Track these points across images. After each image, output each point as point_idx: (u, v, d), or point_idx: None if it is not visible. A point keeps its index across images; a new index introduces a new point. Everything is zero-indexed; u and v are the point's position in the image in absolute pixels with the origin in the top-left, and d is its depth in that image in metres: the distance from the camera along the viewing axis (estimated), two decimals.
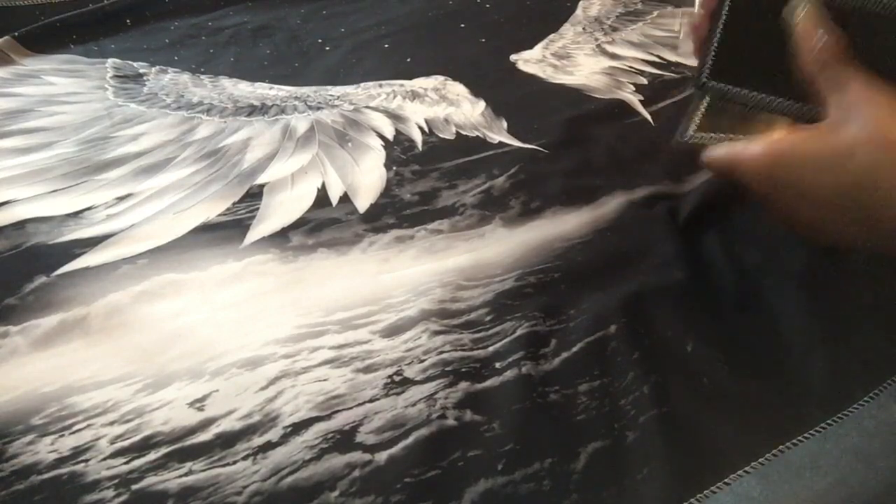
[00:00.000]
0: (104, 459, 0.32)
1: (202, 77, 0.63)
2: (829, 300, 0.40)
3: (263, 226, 0.45)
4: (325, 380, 0.35)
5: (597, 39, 0.69)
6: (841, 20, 0.33)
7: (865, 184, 0.31)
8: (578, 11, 0.75)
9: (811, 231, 0.35)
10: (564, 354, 0.37)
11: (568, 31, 0.71)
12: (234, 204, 0.47)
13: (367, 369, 0.36)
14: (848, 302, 0.40)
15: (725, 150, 0.36)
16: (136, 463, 0.32)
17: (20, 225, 0.45)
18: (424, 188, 0.48)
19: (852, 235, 0.33)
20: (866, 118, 0.31)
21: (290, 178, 0.49)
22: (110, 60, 0.65)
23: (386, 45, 0.68)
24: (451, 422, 0.34)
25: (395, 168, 0.50)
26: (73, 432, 0.33)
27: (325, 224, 0.45)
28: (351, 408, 0.34)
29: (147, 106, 0.58)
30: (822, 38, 0.33)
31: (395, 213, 0.46)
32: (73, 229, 0.44)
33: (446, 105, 0.58)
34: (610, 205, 0.46)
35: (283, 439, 0.33)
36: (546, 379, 0.35)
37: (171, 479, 0.31)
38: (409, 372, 0.36)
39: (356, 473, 0.31)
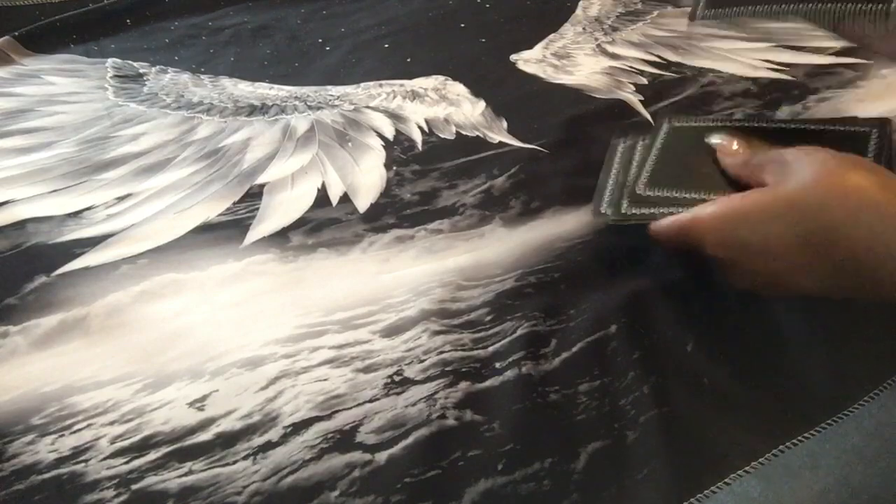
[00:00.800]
0: (104, 459, 0.32)
1: (202, 77, 0.63)
2: (829, 300, 0.39)
3: (263, 226, 0.45)
4: (325, 380, 0.35)
5: (597, 39, 0.69)
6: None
7: (819, 227, 0.31)
8: (578, 11, 0.75)
9: (776, 287, 0.35)
10: (564, 354, 0.37)
11: (568, 31, 0.71)
12: (234, 204, 0.47)
13: (367, 369, 0.36)
14: (848, 302, 0.39)
15: (672, 219, 0.37)
16: (136, 463, 0.32)
17: (20, 225, 0.45)
18: (424, 188, 0.48)
19: (813, 285, 0.33)
20: (807, 168, 0.33)
21: (290, 178, 0.49)
22: (110, 60, 0.65)
23: (386, 45, 0.68)
24: (451, 422, 0.34)
25: (395, 168, 0.50)
26: (73, 432, 0.33)
27: (325, 224, 0.45)
28: (351, 408, 0.34)
29: (147, 106, 0.58)
30: (738, 148, 0.39)
31: (395, 213, 0.46)
32: (73, 229, 0.44)
33: (446, 105, 0.58)
34: None
35: (283, 439, 0.33)
36: (546, 379, 0.35)
37: (171, 479, 0.31)
38: (409, 372, 0.36)
39: (356, 473, 0.31)
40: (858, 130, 0.41)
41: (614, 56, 0.65)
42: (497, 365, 0.36)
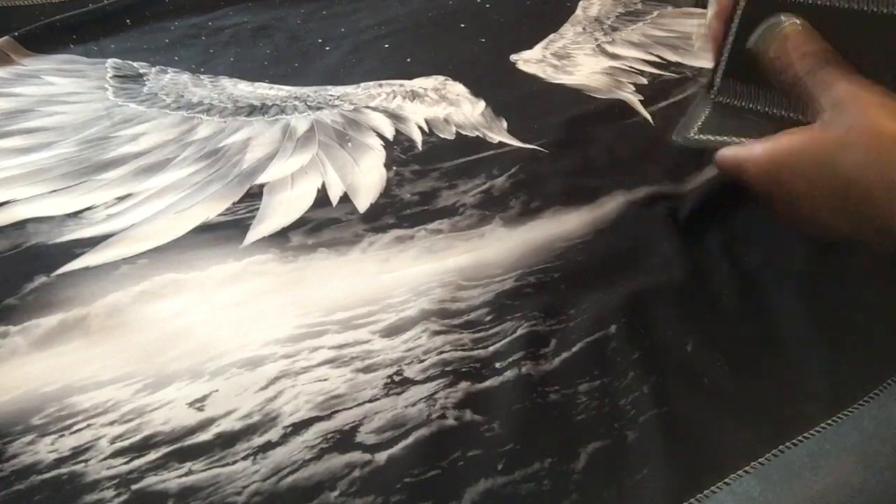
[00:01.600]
0: (104, 459, 0.32)
1: (202, 77, 0.63)
2: (829, 300, 0.40)
3: (263, 226, 0.45)
4: (325, 380, 0.35)
5: (597, 39, 0.69)
6: (823, 27, 0.34)
7: (856, 178, 0.31)
8: (578, 11, 0.75)
9: (811, 226, 0.36)
10: (564, 354, 0.37)
11: (568, 31, 0.71)
12: (234, 204, 0.47)
13: (367, 369, 0.36)
14: (848, 302, 0.40)
15: (733, 151, 0.37)
16: (136, 463, 0.32)
17: (20, 225, 0.45)
18: (424, 188, 0.48)
19: (848, 230, 0.34)
20: (855, 115, 0.32)
21: (290, 178, 0.49)
22: (110, 60, 0.65)
23: (386, 45, 0.68)
24: (451, 422, 0.34)
25: (395, 168, 0.50)
26: (73, 432, 0.33)
27: (325, 224, 0.45)
28: (351, 408, 0.34)
29: (147, 106, 0.58)
30: (807, 47, 0.34)
31: (395, 213, 0.46)
32: (73, 229, 0.44)
33: (446, 105, 0.58)
34: (610, 205, 0.46)
35: (283, 439, 0.33)
36: (546, 379, 0.35)
37: (171, 479, 0.31)
38: (409, 372, 0.36)
39: (356, 473, 0.31)
40: None
41: (614, 56, 0.65)
42: (497, 365, 0.36)
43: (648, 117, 0.56)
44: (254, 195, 0.48)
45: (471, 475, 0.31)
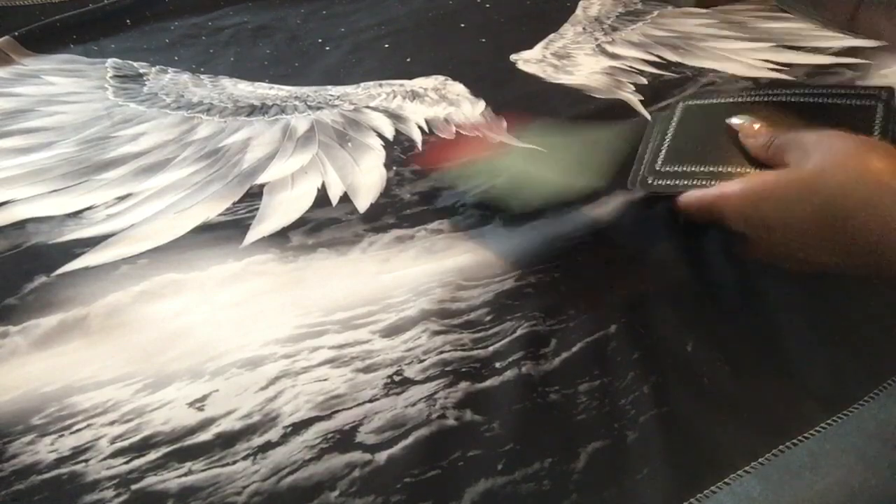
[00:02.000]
0: (104, 459, 0.32)
1: (202, 77, 0.63)
2: (829, 300, 0.40)
3: (263, 226, 0.45)
4: (325, 380, 0.35)
5: (597, 39, 0.69)
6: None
7: (836, 208, 0.32)
8: (578, 11, 0.75)
9: (790, 262, 0.36)
10: (564, 354, 0.37)
11: (568, 30, 0.71)
12: (234, 204, 0.47)
13: (367, 369, 0.36)
14: (848, 302, 0.40)
15: (699, 194, 0.38)
16: (136, 463, 0.32)
17: (20, 225, 0.45)
18: (424, 188, 0.48)
19: (829, 262, 0.34)
20: (826, 150, 0.34)
21: (290, 178, 0.49)
22: (110, 60, 0.65)
23: (386, 45, 0.68)
24: (451, 422, 0.34)
25: (395, 168, 0.50)
26: (73, 432, 0.33)
27: (325, 224, 0.45)
28: (351, 408, 0.34)
29: (147, 106, 0.58)
30: (760, 129, 0.39)
31: (395, 213, 0.46)
32: (73, 229, 0.44)
33: (446, 105, 0.58)
34: (610, 205, 0.46)
35: (283, 439, 0.33)
36: (546, 379, 0.35)
37: (171, 479, 0.31)
38: (409, 372, 0.36)
39: (356, 473, 0.31)
40: (864, 104, 0.41)
41: (614, 56, 0.65)
42: (497, 365, 0.36)
43: (648, 117, 0.56)
44: (254, 195, 0.48)
45: (471, 475, 0.31)
